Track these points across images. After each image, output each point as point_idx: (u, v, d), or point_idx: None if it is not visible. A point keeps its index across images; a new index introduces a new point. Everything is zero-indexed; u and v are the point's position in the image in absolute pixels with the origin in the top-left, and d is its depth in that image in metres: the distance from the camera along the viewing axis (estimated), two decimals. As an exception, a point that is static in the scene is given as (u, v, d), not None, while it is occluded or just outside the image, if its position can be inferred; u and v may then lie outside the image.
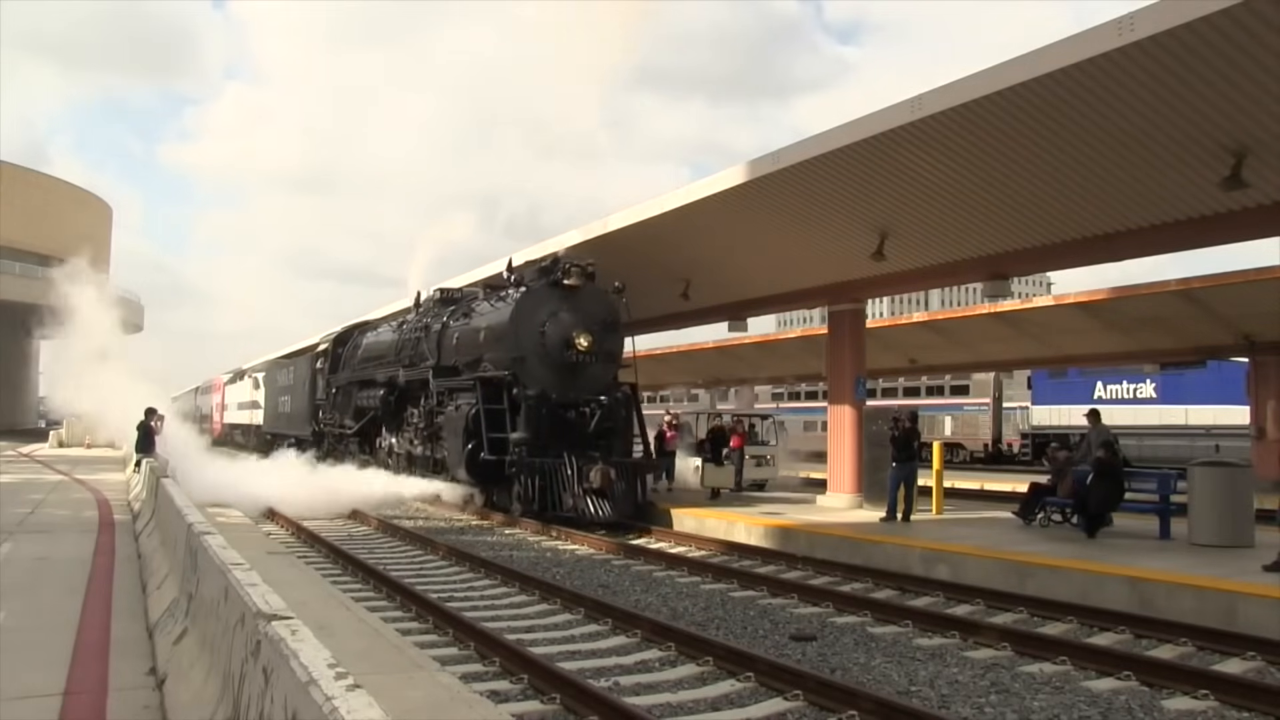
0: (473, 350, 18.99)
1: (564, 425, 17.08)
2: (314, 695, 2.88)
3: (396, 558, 12.93)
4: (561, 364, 17.35)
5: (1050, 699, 6.56)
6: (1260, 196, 11.50)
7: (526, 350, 17.39)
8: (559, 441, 16.69)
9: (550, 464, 16.30)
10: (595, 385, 17.71)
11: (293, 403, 32.14)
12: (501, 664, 7.07)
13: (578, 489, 16.02)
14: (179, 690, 5.36)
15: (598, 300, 17.98)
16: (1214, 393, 28.23)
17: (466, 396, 18.02)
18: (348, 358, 27.22)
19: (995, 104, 10.34)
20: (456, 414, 18.10)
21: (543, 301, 17.64)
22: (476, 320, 19.39)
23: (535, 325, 17.46)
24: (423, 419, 20.54)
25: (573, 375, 17.49)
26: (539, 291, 17.75)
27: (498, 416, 17.04)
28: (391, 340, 23.91)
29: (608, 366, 17.96)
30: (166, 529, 9.55)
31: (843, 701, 6.13)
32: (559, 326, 17.40)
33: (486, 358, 18.26)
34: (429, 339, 21.16)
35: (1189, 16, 8.40)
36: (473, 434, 17.21)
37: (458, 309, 20.84)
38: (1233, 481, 12.50)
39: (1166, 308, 20.92)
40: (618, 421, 17.64)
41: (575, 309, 17.63)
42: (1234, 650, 7.87)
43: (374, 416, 23.89)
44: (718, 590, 10.61)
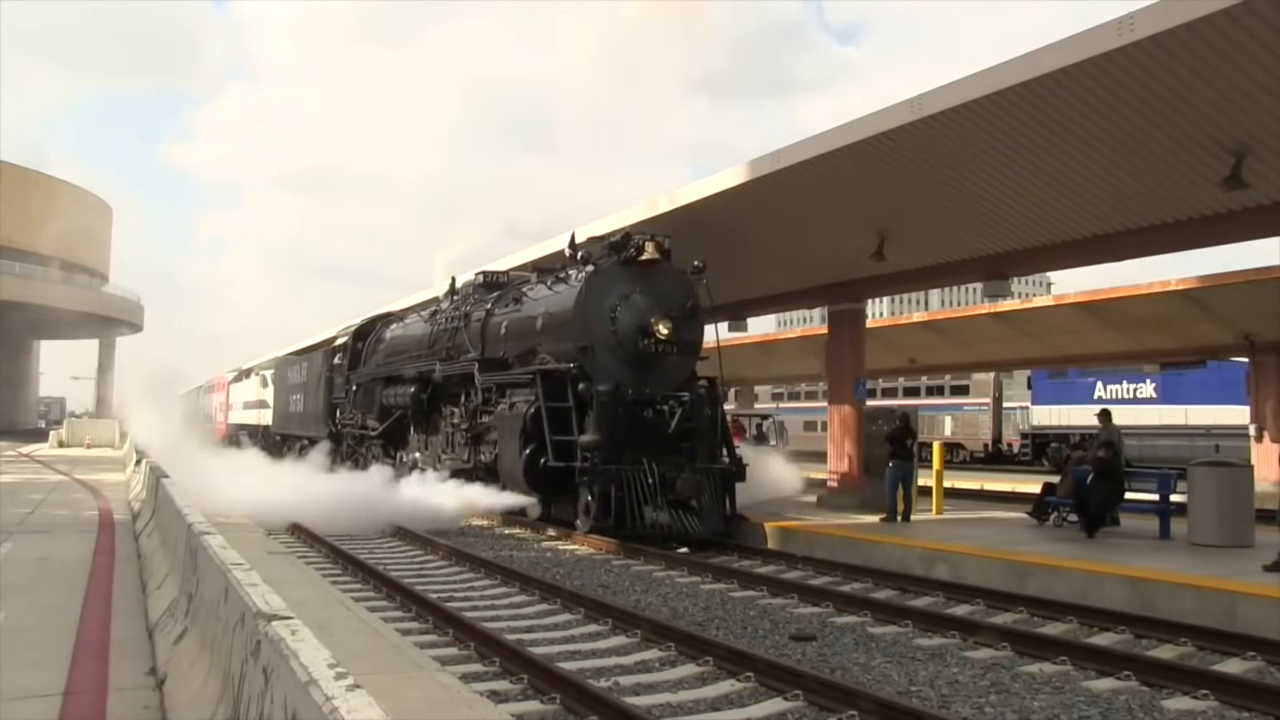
0: (526, 340, 16.68)
1: (640, 426, 14.67)
2: (314, 695, 2.89)
3: (396, 558, 12.92)
4: (636, 354, 15.09)
5: (1050, 699, 6.56)
6: (1260, 196, 11.51)
7: (595, 339, 15.07)
8: (634, 445, 14.40)
9: (630, 471, 13.96)
10: (673, 379, 15.42)
11: (306, 402, 29.98)
12: (501, 664, 7.05)
13: (660, 500, 13.86)
14: (179, 690, 5.36)
15: (675, 281, 15.61)
16: (1214, 393, 28.24)
17: (522, 393, 15.70)
18: (370, 352, 24.98)
19: (995, 104, 10.34)
20: (511, 414, 15.59)
21: (613, 282, 15.26)
22: (530, 306, 16.96)
23: (605, 310, 15.14)
24: (465, 419, 18.07)
25: (647, 368, 15.22)
26: (609, 271, 15.34)
27: (562, 416, 14.72)
28: (423, 332, 21.52)
29: (687, 358, 15.63)
30: (166, 529, 9.56)
31: (843, 701, 6.12)
32: (633, 311, 15.10)
33: (543, 349, 16.02)
34: (469, 329, 18.86)
35: (1189, 16, 8.39)
36: (532, 436, 14.82)
37: (504, 295, 18.50)
38: (1233, 481, 12.51)
39: (1166, 308, 20.91)
40: (701, 421, 15.11)
41: (650, 291, 15.31)
42: (1234, 650, 7.86)
43: (401, 416, 21.56)
44: (717, 590, 10.60)
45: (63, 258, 65.54)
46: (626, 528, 13.59)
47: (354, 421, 24.83)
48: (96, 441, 45.04)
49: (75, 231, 62.44)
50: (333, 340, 28.27)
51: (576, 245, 16.29)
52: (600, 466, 13.98)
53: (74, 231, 62.06)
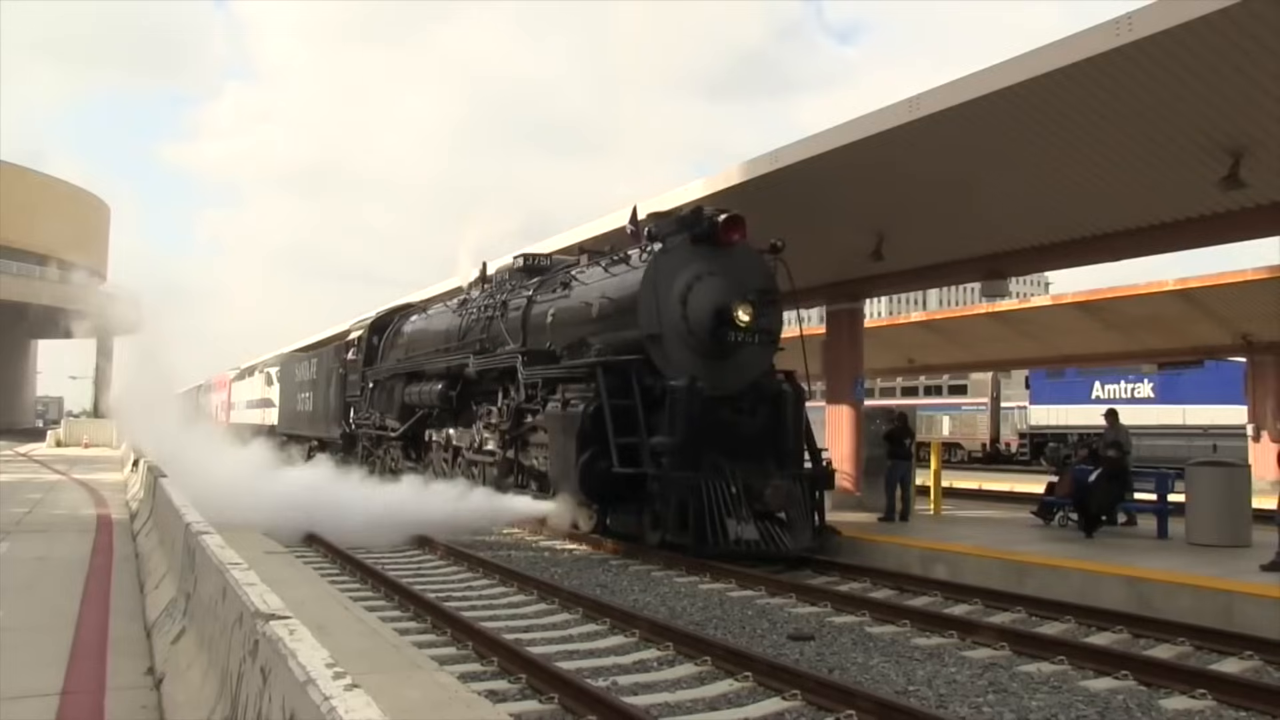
0: (577, 329, 14.74)
1: (717, 426, 12.72)
2: (312, 695, 2.89)
3: (394, 557, 12.91)
4: (710, 345, 13.30)
5: (1048, 698, 6.56)
6: (1258, 197, 11.53)
7: (664, 326, 13.15)
8: (710, 448, 12.53)
9: (710, 480, 12.11)
10: (750, 372, 13.56)
11: (316, 400, 28.07)
12: (500, 663, 7.06)
13: (745, 513, 12.09)
14: (177, 690, 5.36)
15: (752, 262, 13.77)
16: (1211, 393, 28.28)
17: (577, 389, 13.80)
18: (388, 347, 23.07)
19: (993, 104, 10.33)
20: (566, 413, 13.60)
21: (685, 263, 13.39)
22: (583, 291, 14.90)
23: (675, 294, 13.25)
24: (506, 418, 16.04)
25: (722, 359, 13.38)
26: (679, 250, 13.47)
27: (627, 415, 12.83)
28: (450, 324, 19.61)
29: (765, 348, 13.77)
30: (164, 528, 9.55)
31: (841, 701, 6.13)
32: (708, 294, 13.29)
33: (599, 338, 14.14)
34: (507, 319, 16.91)
35: (1187, 17, 8.39)
36: (590, 438, 12.90)
37: (547, 280, 16.52)
38: (1230, 481, 12.53)
39: (1164, 307, 20.95)
40: (785, 421, 13.34)
41: (725, 272, 13.49)
42: (1231, 650, 7.87)
43: (425, 416, 19.86)
44: (715, 590, 10.61)
45: (60, 257, 65.50)
46: (707, 544, 11.73)
47: (370, 421, 23.11)
48: (94, 441, 45.01)
49: (73, 231, 62.41)
50: (346, 334, 26.75)
51: (639, 221, 14.37)
52: (676, 473, 12.13)
53: (72, 231, 62.04)
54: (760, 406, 13.29)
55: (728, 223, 13.25)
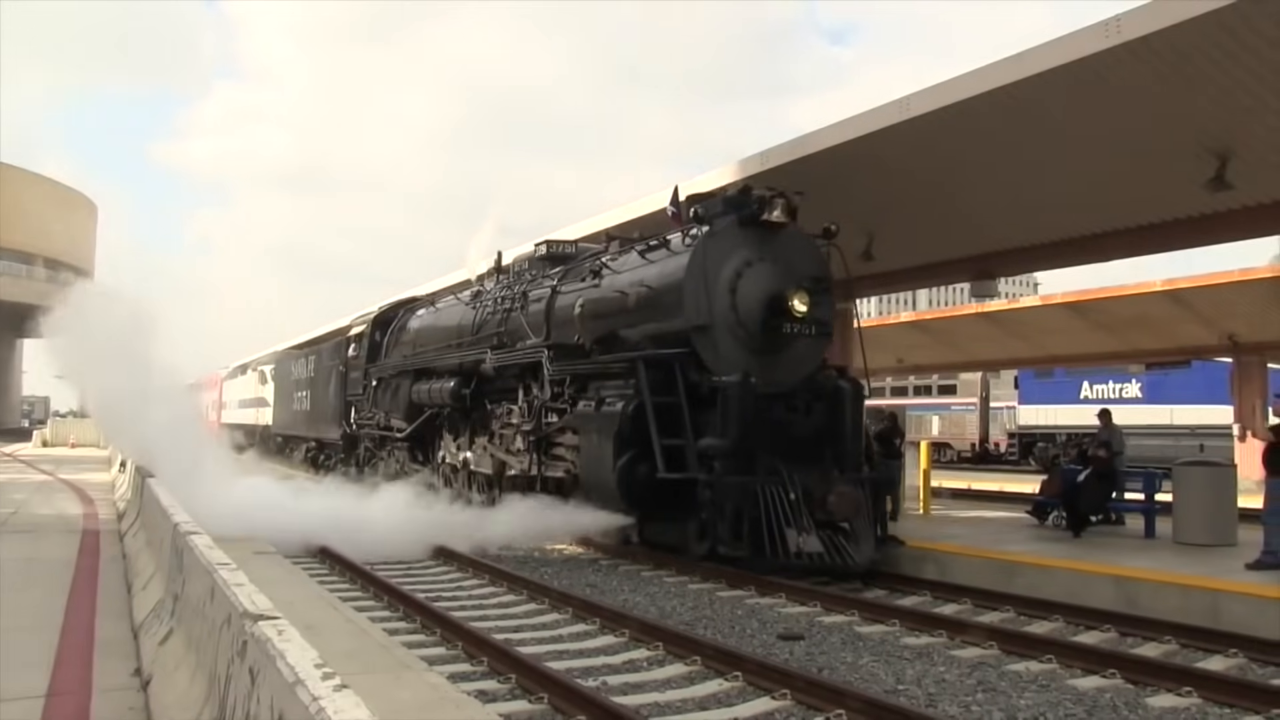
0: (611, 321, 13.35)
1: (770, 427, 11.51)
2: (301, 696, 2.88)
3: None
4: (762, 337, 12.13)
5: (1036, 697, 6.58)
6: (1245, 198, 11.62)
7: (714, 317, 11.98)
8: (763, 450, 11.36)
9: (767, 485, 10.92)
10: (802, 367, 12.45)
11: (313, 399, 26.68)
12: (489, 664, 7.05)
13: (807, 522, 10.88)
14: (164, 691, 5.34)
15: (804, 248, 12.60)
16: (1198, 393, 28.38)
17: (615, 386, 12.58)
18: (392, 343, 21.70)
19: (983, 105, 10.38)
20: (602, 412, 12.38)
21: (734, 247, 12.17)
22: (617, 279, 13.57)
23: (724, 281, 12.06)
24: (529, 419, 14.65)
25: (774, 353, 12.20)
26: (726, 233, 12.22)
27: (671, 414, 11.60)
28: (462, 317, 18.24)
29: (819, 342, 12.66)
30: (152, 529, 9.51)
31: (830, 700, 6.14)
32: (759, 282, 12.09)
33: (637, 331, 12.87)
34: (528, 311, 15.58)
35: (1176, 19, 8.45)
36: (629, 440, 11.68)
37: (573, 269, 15.26)
38: (1217, 481, 12.58)
39: (1151, 308, 21.05)
40: (843, 421, 12.13)
41: (777, 258, 12.31)
42: (1217, 648, 7.91)
43: (434, 416, 18.53)
44: (705, 589, 10.61)
45: (46, 255, 65.16)
46: (765, 557, 10.59)
47: (374, 421, 21.65)
48: (81, 441, 44.78)
49: (59, 229, 62.07)
50: (346, 330, 25.32)
51: (680, 201, 13.30)
52: (729, 479, 10.96)
53: (58, 229, 61.70)
54: (816, 404, 12.10)
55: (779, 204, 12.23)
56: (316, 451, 27.07)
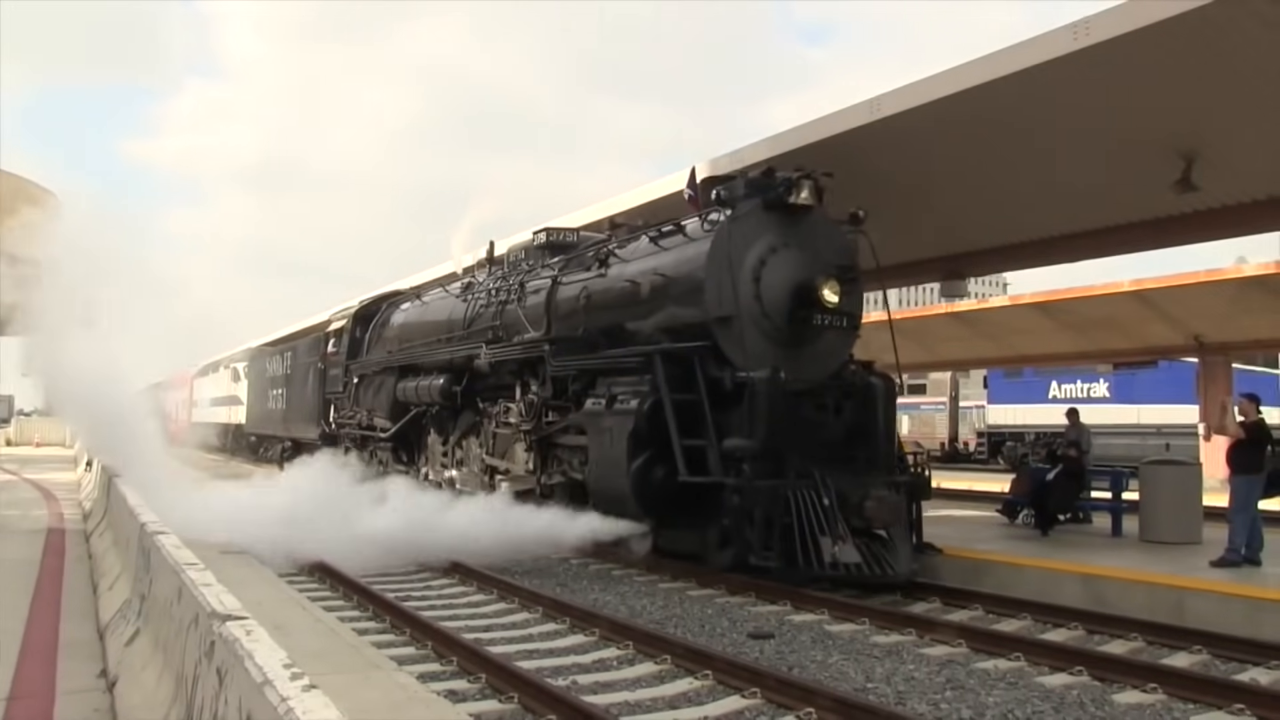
0: (621, 312, 12.53)
1: (799, 426, 10.67)
2: (269, 696, 2.86)
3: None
4: (788, 329, 11.30)
5: (1005, 694, 6.63)
6: (1209, 200, 11.77)
7: (740, 307, 11.06)
8: (792, 451, 10.44)
9: (799, 490, 10.05)
10: (829, 362, 11.67)
11: (290, 397, 25.83)
12: (459, 663, 7.02)
13: (843, 529, 10.00)
14: (130, 693, 5.29)
15: (830, 234, 11.80)
16: (1165, 392, 28.68)
17: (627, 382, 11.54)
18: (374, 338, 20.75)
19: (952, 106, 10.44)
20: (614, 410, 11.41)
21: (758, 232, 11.31)
22: (625, 267, 12.65)
23: (748, 269, 11.18)
24: (528, 418, 13.73)
25: (799, 347, 11.37)
26: (750, 218, 11.34)
27: (691, 413, 10.73)
28: (453, 310, 17.23)
29: (847, 336, 11.86)
30: (119, 528, 9.42)
31: (800, 699, 6.16)
32: (785, 270, 11.26)
33: (650, 322, 12.05)
34: (526, 303, 14.63)
35: (1143, 22, 8.54)
36: (645, 440, 10.84)
37: (576, 258, 14.30)
38: (1182, 479, 12.73)
39: (1119, 308, 21.27)
40: (875, 420, 11.40)
41: (803, 244, 11.50)
42: (1182, 644, 8.01)
43: (421, 415, 17.72)
44: (675, 588, 10.61)
45: (6, 251, 64.20)
46: (798, 568, 9.79)
47: (355, 420, 20.72)
48: (46, 440, 44.28)
49: (19, 222, 61.16)
50: (325, 325, 24.42)
51: (698, 184, 12.48)
52: (758, 483, 10.06)
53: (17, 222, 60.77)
54: (845, 402, 11.33)
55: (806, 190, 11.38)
56: (293, 451, 26.25)
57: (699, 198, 12.32)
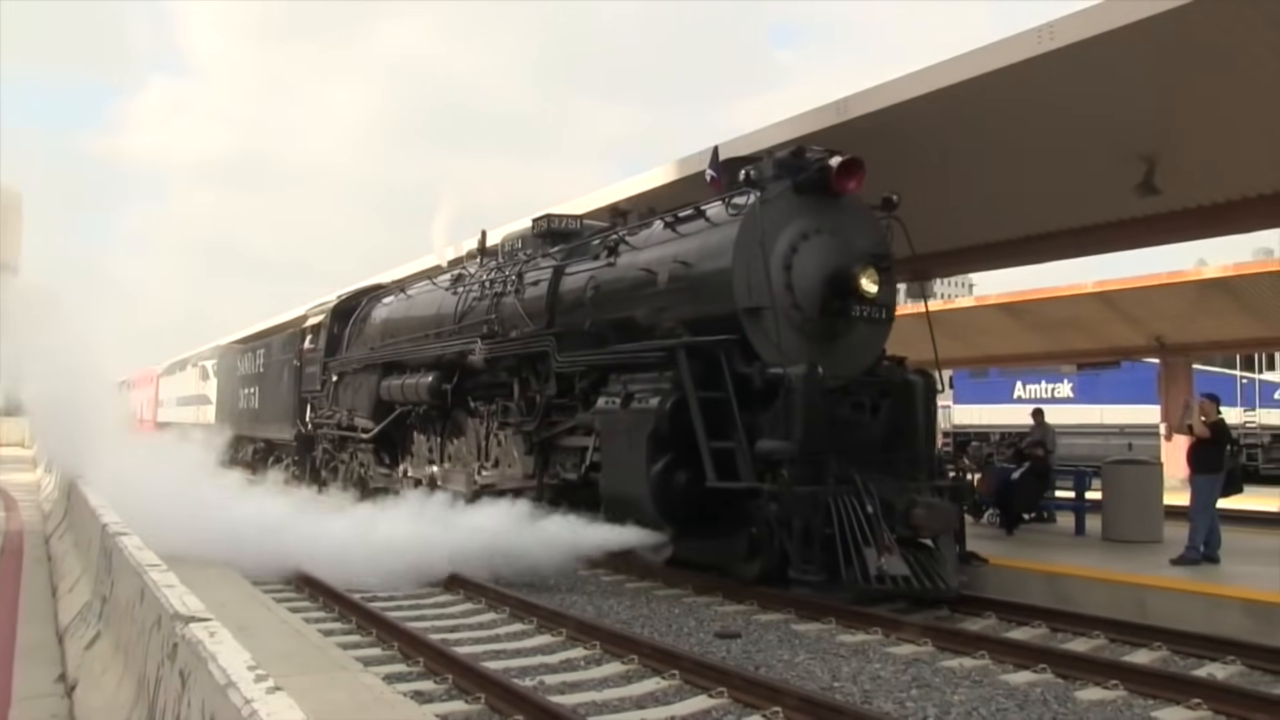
0: (633, 304, 11.63)
1: (835, 427, 9.84)
2: (233, 698, 2.84)
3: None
4: (820, 322, 10.51)
5: (970, 692, 6.69)
6: (1171, 203, 11.91)
7: (775, 297, 10.20)
8: (830, 455, 9.56)
9: (841, 496, 9.16)
10: (864, 358, 10.94)
11: (263, 396, 24.87)
12: (426, 664, 7.00)
13: (888, 539, 9.09)
14: (90, 697, 5.23)
15: (864, 219, 11.04)
16: (1127, 392, 29.04)
17: (645, 379, 10.69)
18: (354, 334, 19.76)
19: (918, 108, 10.50)
20: (630, 410, 10.53)
21: (788, 217, 10.49)
22: (637, 255, 11.76)
23: (779, 256, 10.35)
24: (531, 418, 12.86)
25: (832, 340, 10.59)
26: (780, 201, 10.50)
27: (718, 413, 9.89)
28: (442, 304, 16.22)
29: (881, 329, 11.11)
30: (80, 529, 9.31)
31: (767, 698, 6.18)
32: (817, 257, 10.47)
33: (670, 315, 11.10)
34: (524, 295, 13.64)
35: (1106, 27, 8.63)
36: (667, 442, 10.07)
37: (579, 247, 13.45)
38: (1144, 479, 12.90)
39: (1082, 309, 21.49)
40: (914, 420, 10.62)
41: (837, 230, 10.70)
42: (1143, 641, 8.11)
43: (405, 415, 16.83)
44: (642, 588, 10.62)
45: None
46: (841, 581, 8.89)
47: (334, 420, 19.65)
48: (5, 440, 43.62)
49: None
50: (301, 321, 23.16)
51: (720, 164, 11.48)
52: (797, 489, 9.19)
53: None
54: (883, 401, 10.59)
55: (845, 166, 10.52)
56: (266, 452, 25.56)
57: (722, 179, 11.31)
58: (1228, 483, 11.08)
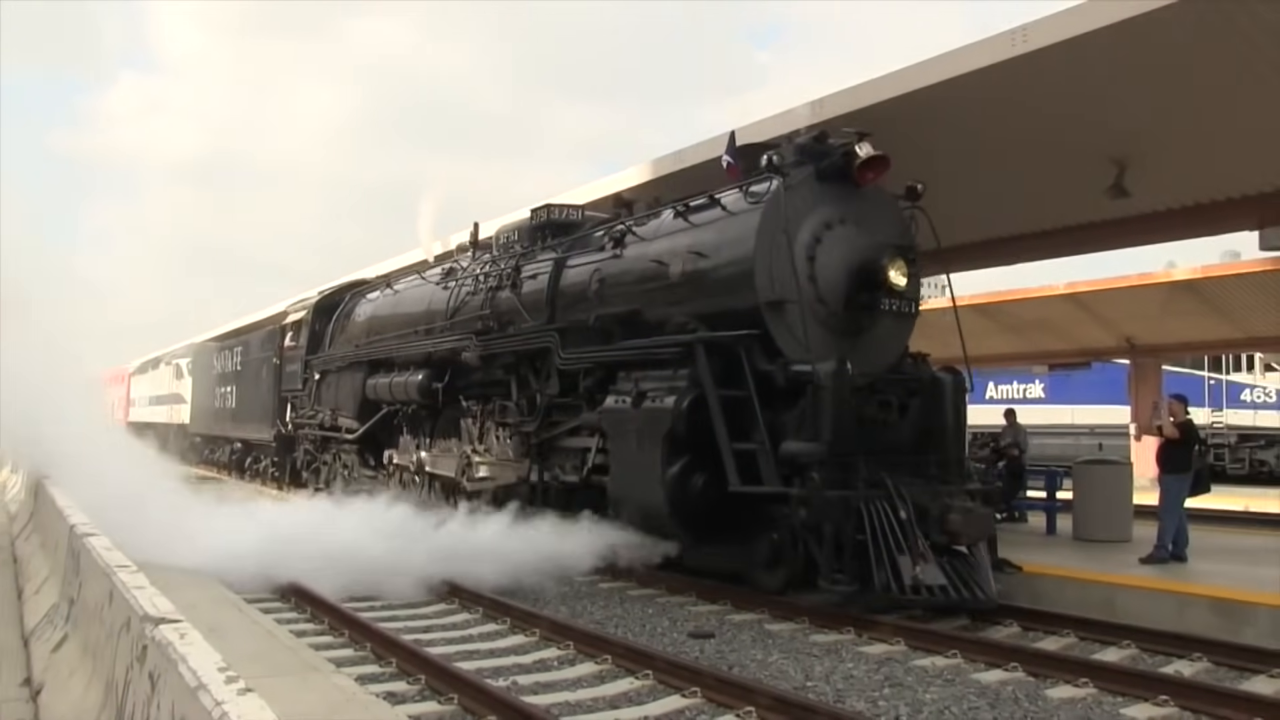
0: (643, 297, 11.01)
1: (864, 428, 9.33)
2: (203, 700, 2.82)
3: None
4: (845, 316, 9.99)
5: (941, 691, 6.73)
6: (1141, 206, 12.03)
7: (800, 289, 9.63)
8: (859, 456, 8.99)
9: (876, 502, 8.64)
10: (888, 354, 10.45)
11: (240, 395, 24.15)
12: (398, 665, 6.97)
13: (922, 547, 8.54)
14: (57, 701, 5.17)
15: (888, 209, 10.52)
16: (1098, 393, 29.29)
17: (659, 377, 10.08)
18: (338, 331, 19.02)
19: (891, 110, 10.55)
20: (643, 410, 9.94)
21: (811, 205, 9.96)
22: (646, 246, 11.18)
23: (802, 246, 9.80)
24: (531, 418, 12.31)
25: (856, 335, 10.06)
26: (802, 188, 9.95)
27: (739, 413, 9.34)
28: (432, 299, 15.47)
29: (905, 324, 10.58)
30: (47, 531, 9.21)
31: (740, 697, 6.20)
32: (843, 248, 9.96)
33: (682, 308, 10.45)
34: (521, 289, 13.01)
35: (1078, 30, 8.71)
36: (682, 444, 9.54)
37: (582, 239, 12.75)
38: (1114, 478, 13.01)
39: (1054, 310, 21.67)
40: (944, 420, 10.05)
41: (861, 220, 10.18)
42: (1112, 640, 8.18)
43: (392, 414, 16.21)
44: (616, 588, 10.61)
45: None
46: (874, 590, 8.41)
47: (316, 420, 18.97)
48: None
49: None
50: (282, 317, 22.54)
51: (738, 148, 10.83)
52: (827, 493, 8.60)
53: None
54: (910, 400, 10.08)
55: (870, 162, 10.03)
56: (243, 454, 25.02)
57: (739, 165, 10.71)
58: (1195, 482, 11.18)
